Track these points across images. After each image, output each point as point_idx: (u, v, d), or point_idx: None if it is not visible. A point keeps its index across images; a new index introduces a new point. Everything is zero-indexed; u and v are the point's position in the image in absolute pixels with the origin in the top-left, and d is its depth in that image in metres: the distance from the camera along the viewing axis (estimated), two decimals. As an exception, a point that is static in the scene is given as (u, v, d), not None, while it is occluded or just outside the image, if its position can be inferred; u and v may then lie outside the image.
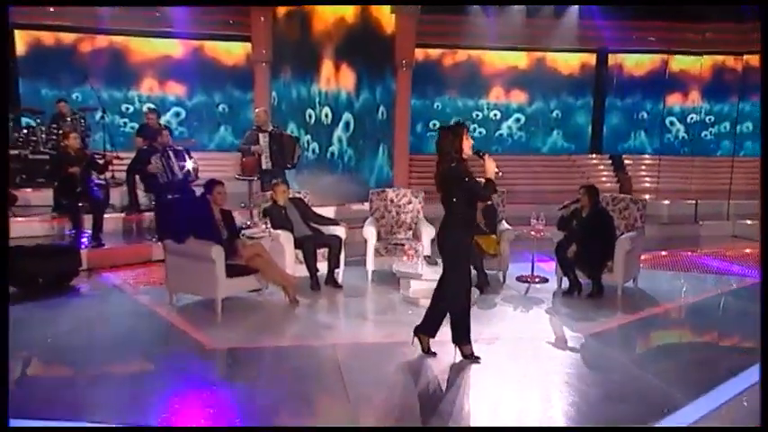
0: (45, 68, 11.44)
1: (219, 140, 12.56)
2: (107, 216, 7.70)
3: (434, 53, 13.36)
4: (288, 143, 8.48)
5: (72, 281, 6.36)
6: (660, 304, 6.24)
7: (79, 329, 5.24)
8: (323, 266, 6.36)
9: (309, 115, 10.00)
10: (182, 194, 7.73)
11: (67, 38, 11.66)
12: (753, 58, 12.83)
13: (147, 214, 8.37)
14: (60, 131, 9.09)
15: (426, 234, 6.78)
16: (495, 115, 13.87)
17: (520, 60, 13.74)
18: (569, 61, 13.88)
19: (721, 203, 10.96)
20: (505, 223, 6.95)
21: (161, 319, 5.50)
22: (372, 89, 10.24)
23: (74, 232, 7.32)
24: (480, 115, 13.78)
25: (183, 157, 8.10)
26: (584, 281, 6.29)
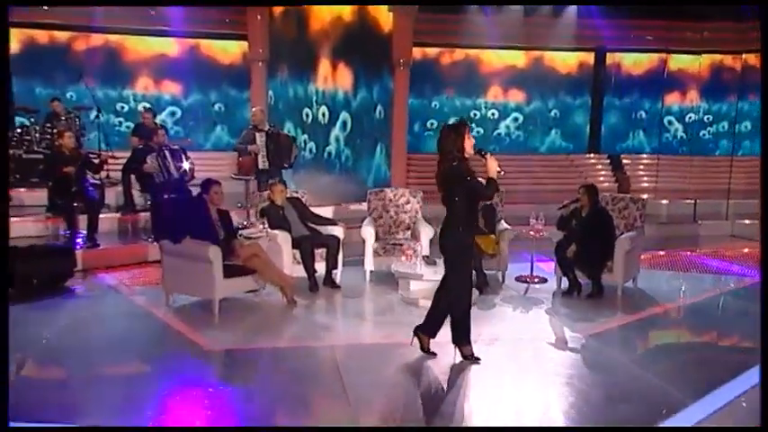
0: (39, 67, 11.33)
1: (216, 140, 12.48)
2: (102, 216, 7.66)
3: (432, 52, 13.33)
4: (285, 143, 8.46)
5: (67, 282, 6.30)
6: (660, 304, 6.22)
7: (74, 331, 5.18)
8: (321, 267, 6.33)
9: (306, 114, 9.96)
10: (178, 194, 7.68)
11: (62, 36, 11.58)
12: (751, 57, 12.84)
13: (143, 214, 8.34)
14: (55, 131, 9.04)
15: (425, 234, 6.74)
16: (493, 114, 13.84)
17: (518, 59, 13.71)
18: (567, 60, 13.85)
19: (720, 203, 10.97)
20: (504, 223, 6.93)
21: (157, 321, 5.46)
22: (370, 88, 10.21)
23: (68, 232, 7.27)
24: (478, 114, 13.74)
25: (180, 156, 8.06)
26: (583, 281, 6.26)
